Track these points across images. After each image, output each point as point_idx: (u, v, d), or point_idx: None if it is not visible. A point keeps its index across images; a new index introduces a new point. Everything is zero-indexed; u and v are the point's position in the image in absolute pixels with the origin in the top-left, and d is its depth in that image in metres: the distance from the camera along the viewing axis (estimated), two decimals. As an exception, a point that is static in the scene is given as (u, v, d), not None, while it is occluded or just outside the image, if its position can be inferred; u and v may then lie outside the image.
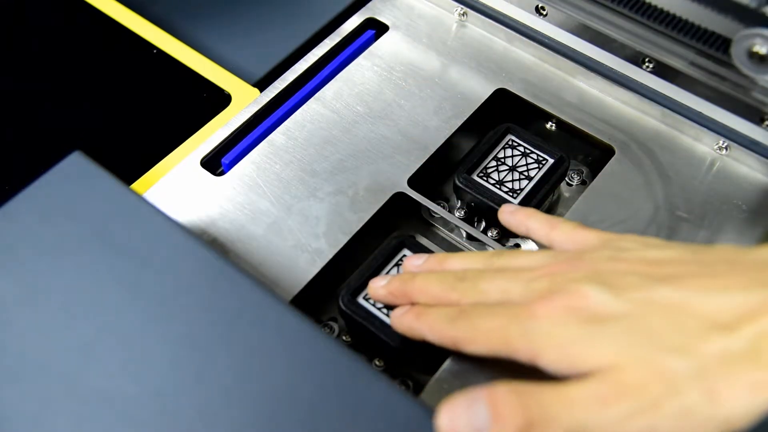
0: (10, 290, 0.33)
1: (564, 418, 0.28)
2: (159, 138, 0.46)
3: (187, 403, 0.31)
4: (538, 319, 0.30)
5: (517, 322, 0.31)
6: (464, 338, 0.32)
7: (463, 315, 0.33)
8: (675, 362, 0.27)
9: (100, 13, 0.53)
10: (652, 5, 0.42)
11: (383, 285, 0.36)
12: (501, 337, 0.31)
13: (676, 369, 0.27)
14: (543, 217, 0.36)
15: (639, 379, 0.28)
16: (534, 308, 0.31)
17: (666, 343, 0.28)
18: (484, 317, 0.32)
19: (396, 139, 0.44)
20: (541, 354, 0.30)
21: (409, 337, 0.35)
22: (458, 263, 0.36)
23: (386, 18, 0.50)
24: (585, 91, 0.47)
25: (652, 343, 0.28)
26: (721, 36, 0.40)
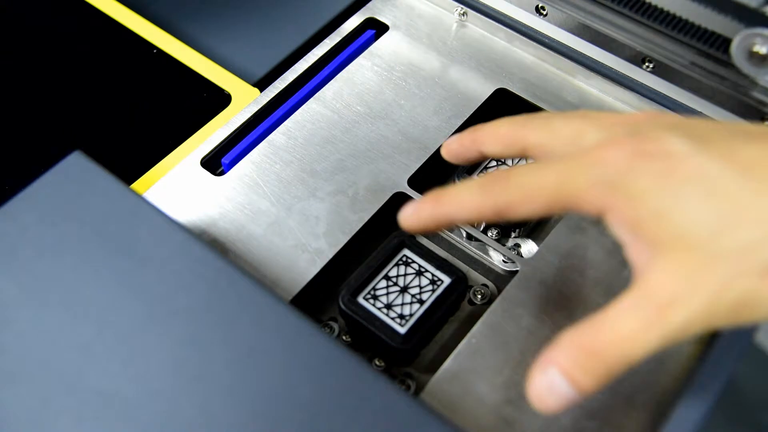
0: (10, 290, 0.33)
1: (635, 352, 0.26)
2: (159, 138, 0.46)
3: (187, 403, 0.31)
4: (608, 164, 0.27)
5: (582, 168, 0.28)
6: (512, 200, 0.29)
7: (503, 176, 0.30)
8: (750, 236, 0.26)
9: (100, 13, 0.53)
10: (652, 5, 0.42)
11: (454, 139, 0.35)
12: (564, 190, 0.28)
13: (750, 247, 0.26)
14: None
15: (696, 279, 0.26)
16: (604, 152, 0.28)
17: (735, 214, 0.26)
18: (533, 172, 0.29)
19: (396, 139, 0.44)
20: (616, 211, 0.27)
21: (425, 231, 0.32)
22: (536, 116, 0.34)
23: (386, 18, 0.50)
24: (585, 91, 0.47)
25: (734, 215, 0.26)
26: (721, 36, 0.40)
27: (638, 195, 0.27)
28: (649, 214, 0.27)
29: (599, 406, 0.35)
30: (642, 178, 0.27)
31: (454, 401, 0.35)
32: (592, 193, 0.28)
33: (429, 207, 0.31)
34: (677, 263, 0.26)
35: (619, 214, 0.27)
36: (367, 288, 0.38)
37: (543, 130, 0.31)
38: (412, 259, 0.39)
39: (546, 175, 0.29)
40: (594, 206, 0.28)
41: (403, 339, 0.36)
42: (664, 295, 0.26)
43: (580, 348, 0.27)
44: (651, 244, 0.27)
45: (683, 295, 0.26)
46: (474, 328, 0.37)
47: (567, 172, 0.28)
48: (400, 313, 0.37)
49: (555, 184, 0.28)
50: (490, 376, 0.36)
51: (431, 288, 0.38)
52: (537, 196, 0.29)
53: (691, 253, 0.26)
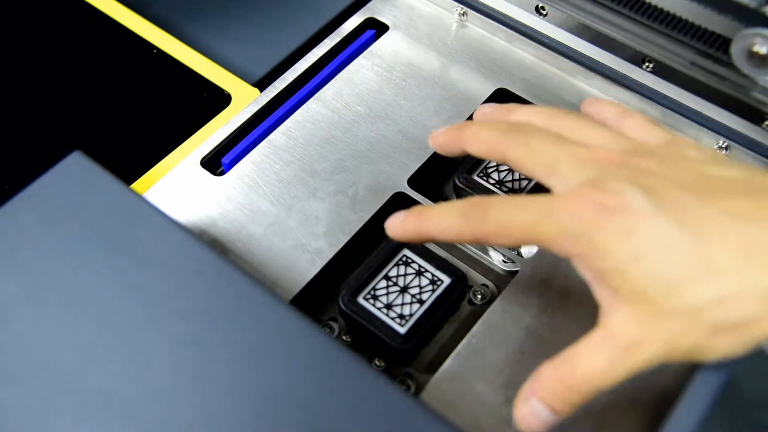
0: (10, 290, 0.33)
1: (605, 383, 0.30)
2: (159, 138, 0.46)
3: (187, 403, 0.31)
4: (575, 216, 0.30)
5: (552, 216, 0.30)
6: (489, 233, 0.32)
7: (482, 207, 0.32)
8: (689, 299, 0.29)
9: (100, 13, 0.53)
10: (652, 5, 0.42)
11: (441, 132, 0.37)
12: (536, 233, 0.31)
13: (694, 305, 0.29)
14: (620, 106, 0.36)
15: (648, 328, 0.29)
16: (572, 204, 0.30)
17: (689, 274, 0.29)
18: (510, 209, 0.32)
19: (396, 139, 0.44)
20: (582, 259, 0.30)
21: (409, 242, 0.34)
22: (522, 115, 0.36)
23: (386, 18, 0.50)
24: (585, 91, 0.47)
25: (675, 271, 0.29)
26: (721, 36, 0.40)
27: (601, 249, 0.29)
28: (611, 269, 0.29)
29: (599, 406, 0.35)
30: (604, 233, 0.29)
31: (454, 401, 0.35)
32: (560, 241, 0.30)
33: (413, 222, 0.34)
34: (637, 313, 0.29)
35: (585, 263, 0.30)
36: (367, 288, 0.38)
37: (521, 148, 0.33)
38: (412, 259, 0.39)
39: (522, 217, 0.31)
40: (563, 252, 0.31)
41: (403, 339, 0.36)
42: (627, 338, 0.29)
43: (557, 382, 0.30)
44: (614, 293, 0.30)
45: (643, 341, 0.29)
46: (474, 328, 0.37)
47: (540, 218, 0.31)
48: (400, 313, 0.37)
49: (529, 226, 0.31)
50: (490, 376, 0.36)
51: (431, 288, 0.38)
52: (512, 233, 0.31)
53: (649, 307, 0.29)
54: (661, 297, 0.29)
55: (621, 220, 0.29)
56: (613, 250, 0.29)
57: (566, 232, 0.30)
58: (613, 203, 0.29)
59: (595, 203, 0.30)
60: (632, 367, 0.30)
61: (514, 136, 0.34)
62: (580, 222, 0.30)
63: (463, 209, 0.32)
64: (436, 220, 0.33)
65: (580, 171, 0.31)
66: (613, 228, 0.29)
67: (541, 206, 0.31)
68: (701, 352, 0.30)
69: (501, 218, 0.31)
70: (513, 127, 0.34)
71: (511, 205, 0.32)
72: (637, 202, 0.29)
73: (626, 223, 0.29)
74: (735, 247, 0.29)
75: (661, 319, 0.29)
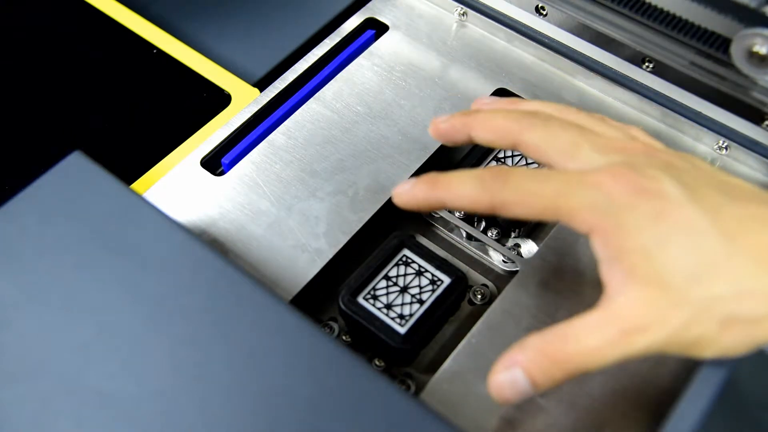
0: (10, 290, 0.33)
1: (593, 365, 0.29)
2: (159, 138, 0.46)
3: (187, 403, 0.31)
4: (606, 192, 0.29)
5: (580, 189, 0.30)
6: (508, 200, 0.31)
7: (503, 175, 0.31)
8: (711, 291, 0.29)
9: (100, 13, 0.53)
10: (652, 5, 0.42)
11: (445, 119, 0.35)
12: (559, 203, 0.30)
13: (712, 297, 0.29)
14: (619, 123, 0.36)
15: (666, 310, 0.29)
16: (604, 179, 0.30)
17: (711, 266, 0.29)
18: (533, 179, 0.31)
19: (396, 139, 0.44)
20: (604, 235, 0.29)
21: (417, 209, 0.33)
22: (530, 106, 0.35)
23: (386, 18, 0.50)
24: (585, 91, 0.47)
25: (705, 265, 0.29)
26: (721, 36, 0.40)
27: (629, 228, 0.29)
28: (635, 248, 0.29)
29: (599, 406, 0.35)
30: (636, 213, 0.29)
31: (454, 401, 0.35)
32: (585, 214, 0.30)
33: (425, 188, 0.33)
34: (650, 297, 0.29)
35: (607, 239, 0.30)
36: (367, 288, 0.38)
37: (540, 131, 0.32)
38: (412, 259, 0.39)
39: (546, 186, 0.30)
40: (585, 226, 0.30)
41: (403, 339, 0.36)
42: (632, 321, 0.29)
43: (544, 355, 0.30)
44: (629, 273, 0.29)
45: (649, 326, 0.29)
46: (474, 328, 0.37)
47: (566, 188, 0.30)
48: (400, 313, 0.37)
49: (552, 195, 0.30)
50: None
51: (431, 288, 0.38)
52: (533, 202, 0.30)
53: (665, 292, 0.29)
54: (679, 284, 0.29)
55: (655, 204, 0.29)
56: (641, 231, 0.29)
57: (594, 205, 0.29)
58: (649, 186, 0.29)
59: (631, 183, 0.29)
60: (627, 352, 0.29)
61: (531, 119, 0.33)
62: (612, 198, 0.29)
63: (482, 174, 0.32)
64: (450, 185, 0.32)
65: (604, 156, 0.31)
66: (646, 210, 0.29)
67: (567, 178, 0.30)
68: (704, 346, 0.30)
69: (523, 186, 0.31)
70: (527, 113, 0.33)
71: (534, 174, 0.31)
72: (671, 190, 0.29)
73: (659, 208, 0.29)
74: (756, 249, 0.29)
75: (674, 306, 0.29)
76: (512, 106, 0.36)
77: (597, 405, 0.35)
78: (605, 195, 0.29)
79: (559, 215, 0.30)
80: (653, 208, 0.29)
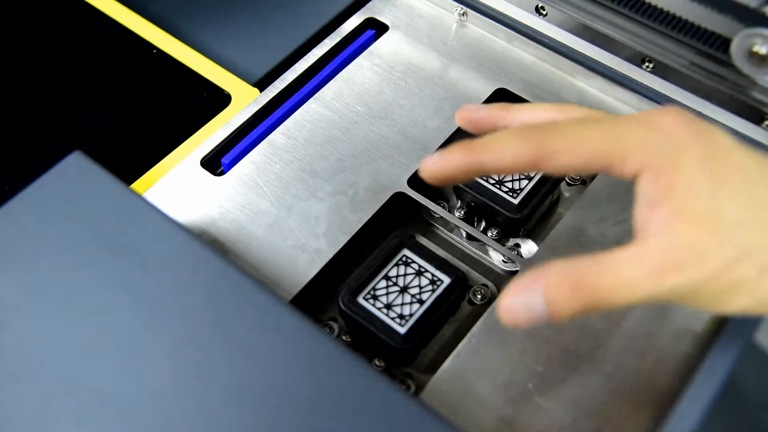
0: (10, 290, 0.33)
1: (619, 300, 0.28)
2: (159, 138, 0.46)
3: (187, 403, 0.31)
4: (664, 130, 0.29)
5: (634, 128, 0.29)
6: (553, 149, 0.29)
7: (547, 125, 0.30)
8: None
9: (100, 13, 0.53)
10: (652, 5, 0.42)
11: (436, 159, 0.31)
12: (610, 145, 0.29)
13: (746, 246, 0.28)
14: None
15: (703, 249, 0.28)
16: (662, 119, 0.29)
17: (759, 215, 0.29)
18: (581, 124, 0.29)
19: (396, 139, 0.44)
20: (656, 173, 0.28)
21: (451, 177, 0.31)
22: (527, 114, 0.34)
23: (386, 18, 0.50)
24: (585, 91, 0.47)
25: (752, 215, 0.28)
26: (721, 36, 0.40)
27: (684, 166, 0.28)
28: (687, 186, 0.28)
29: (599, 406, 0.35)
30: (691, 152, 0.29)
31: (454, 401, 0.35)
32: (639, 152, 0.29)
33: (460, 154, 0.30)
34: (693, 236, 0.28)
35: (658, 176, 0.28)
36: (367, 288, 0.38)
37: (566, 137, 0.30)
38: (412, 259, 0.39)
39: (594, 129, 0.29)
40: (636, 164, 0.29)
41: (403, 339, 0.36)
42: (671, 258, 0.28)
43: (572, 281, 0.28)
44: (675, 211, 0.28)
45: (688, 264, 0.28)
46: (474, 328, 0.37)
47: (617, 129, 0.29)
48: (400, 313, 0.37)
49: (602, 138, 0.29)
50: (490, 376, 0.36)
51: (431, 288, 0.38)
52: (581, 148, 0.29)
53: (711, 233, 0.28)
54: (726, 226, 0.28)
55: (710, 146, 0.29)
56: (695, 170, 0.28)
57: (649, 143, 0.29)
58: (705, 130, 0.29)
59: (688, 124, 0.29)
60: (660, 291, 0.28)
61: (545, 130, 0.30)
62: (668, 136, 0.29)
63: (522, 130, 0.30)
64: (489, 144, 0.30)
65: (647, 115, 0.30)
66: (701, 151, 0.29)
67: (619, 120, 0.29)
68: (739, 291, 0.29)
69: (569, 132, 0.29)
70: (537, 126, 0.30)
71: (579, 121, 0.30)
72: (725, 137, 0.29)
73: (714, 151, 0.29)
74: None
75: (717, 246, 0.28)
76: (503, 117, 0.34)
77: (597, 405, 0.35)
78: (662, 133, 0.29)
79: (610, 159, 0.29)
80: (708, 150, 0.29)
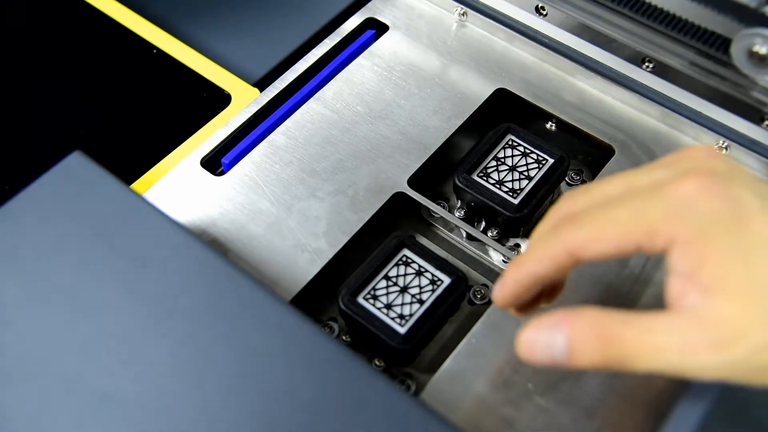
0: (11, 290, 0.33)
1: (642, 364, 0.27)
2: (159, 138, 0.46)
3: (187, 403, 0.31)
4: (687, 198, 0.27)
5: (657, 200, 0.28)
6: (583, 239, 0.28)
7: (570, 216, 0.29)
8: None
9: (100, 13, 0.53)
10: (652, 5, 0.42)
11: (501, 290, 0.31)
12: (638, 223, 0.27)
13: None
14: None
15: (743, 328, 0.26)
16: (682, 186, 0.27)
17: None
18: (603, 208, 0.28)
19: (396, 139, 0.44)
20: (686, 245, 0.27)
21: (520, 302, 0.31)
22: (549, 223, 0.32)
23: (386, 18, 0.50)
24: (585, 91, 0.47)
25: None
26: (721, 36, 0.40)
27: (713, 236, 0.27)
28: (718, 256, 0.27)
29: (599, 405, 0.35)
30: (719, 220, 0.27)
31: (454, 401, 0.35)
32: (666, 226, 0.27)
33: (511, 274, 0.31)
34: (730, 312, 0.27)
35: (689, 248, 0.27)
36: (367, 288, 0.38)
37: (590, 225, 0.29)
38: (412, 259, 0.39)
39: (618, 210, 0.28)
40: (665, 239, 0.28)
41: (403, 339, 0.36)
42: (707, 335, 0.27)
43: (599, 333, 0.27)
44: (709, 285, 0.27)
45: (722, 344, 0.26)
46: (474, 328, 0.37)
47: (641, 204, 0.28)
48: (400, 313, 0.37)
49: (628, 217, 0.28)
50: (490, 376, 0.36)
51: (431, 288, 0.38)
52: (609, 234, 0.28)
53: (746, 307, 0.27)
54: (762, 299, 0.27)
55: (736, 211, 0.27)
56: (724, 239, 0.27)
57: (676, 214, 0.27)
58: (728, 192, 0.27)
59: (710, 187, 0.27)
60: (685, 366, 0.27)
61: (572, 224, 0.29)
62: (692, 205, 0.27)
63: (552, 224, 0.30)
64: (528, 254, 0.30)
65: (667, 169, 0.29)
66: (728, 217, 0.27)
67: (639, 196, 0.28)
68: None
69: (595, 218, 0.29)
70: (565, 220, 0.30)
71: (603, 203, 0.29)
72: (748, 196, 0.28)
73: (740, 215, 0.27)
74: None
75: (755, 324, 0.27)
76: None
77: (597, 405, 0.35)
78: (686, 202, 0.27)
79: (640, 238, 0.28)
80: (734, 215, 0.27)
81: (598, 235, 0.28)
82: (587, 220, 0.29)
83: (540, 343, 0.28)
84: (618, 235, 0.28)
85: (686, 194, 0.28)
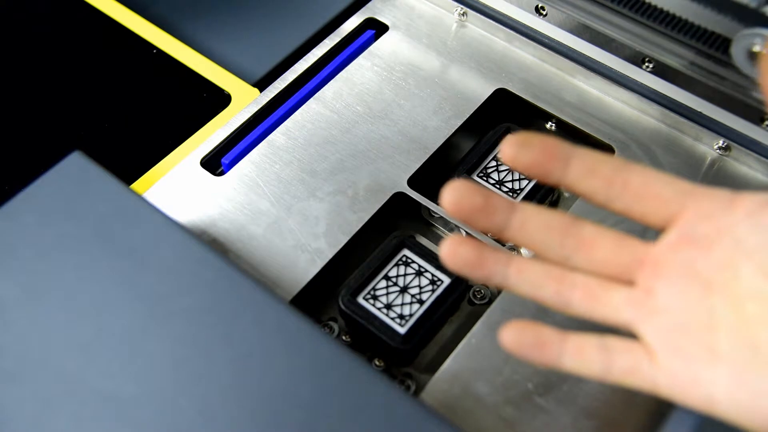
0: (10, 290, 0.33)
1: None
2: (159, 138, 0.46)
3: (187, 403, 0.31)
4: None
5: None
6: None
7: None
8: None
9: (100, 13, 0.53)
10: (652, 5, 0.42)
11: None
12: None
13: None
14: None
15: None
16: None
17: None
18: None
19: (396, 139, 0.44)
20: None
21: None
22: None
23: (386, 18, 0.50)
24: (585, 91, 0.47)
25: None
26: (721, 36, 0.40)
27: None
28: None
29: (599, 405, 0.35)
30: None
31: (454, 401, 0.35)
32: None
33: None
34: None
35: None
36: (367, 288, 0.38)
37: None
38: (412, 259, 0.39)
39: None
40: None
41: (403, 339, 0.36)
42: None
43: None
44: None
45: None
46: (474, 328, 0.37)
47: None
48: (400, 313, 0.37)
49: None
50: (490, 376, 0.36)
51: (431, 288, 0.38)
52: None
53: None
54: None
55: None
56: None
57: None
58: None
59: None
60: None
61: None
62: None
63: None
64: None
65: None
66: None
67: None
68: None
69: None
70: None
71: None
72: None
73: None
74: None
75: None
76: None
77: (597, 405, 0.35)
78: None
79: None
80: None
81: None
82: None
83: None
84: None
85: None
